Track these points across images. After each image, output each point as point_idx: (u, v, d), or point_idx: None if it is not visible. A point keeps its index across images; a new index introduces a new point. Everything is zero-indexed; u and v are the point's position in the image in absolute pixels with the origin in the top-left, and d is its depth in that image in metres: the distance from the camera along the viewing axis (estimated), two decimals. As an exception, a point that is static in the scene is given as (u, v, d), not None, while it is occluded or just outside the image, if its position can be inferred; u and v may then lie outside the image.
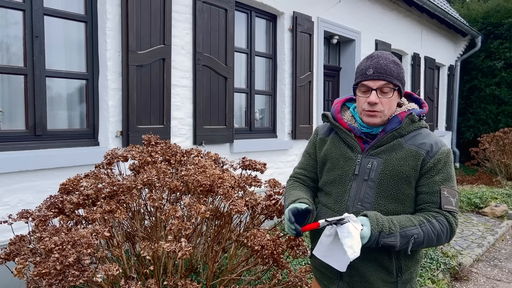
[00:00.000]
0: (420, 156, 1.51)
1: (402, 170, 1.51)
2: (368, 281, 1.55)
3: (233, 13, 4.79)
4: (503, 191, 7.50)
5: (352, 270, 1.56)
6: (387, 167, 1.52)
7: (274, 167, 5.49)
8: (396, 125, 1.55)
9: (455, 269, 4.19)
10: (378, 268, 1.55)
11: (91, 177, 2.38)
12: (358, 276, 1.57)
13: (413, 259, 1.60)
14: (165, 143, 2.72)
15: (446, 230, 1.48)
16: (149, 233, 2.38)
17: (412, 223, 1.45)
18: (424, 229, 1.44)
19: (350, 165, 1.59)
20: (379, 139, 1.56)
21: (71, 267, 1.69)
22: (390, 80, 1.51)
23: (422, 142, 1.54)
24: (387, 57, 1.55)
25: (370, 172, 1.54)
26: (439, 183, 1.50)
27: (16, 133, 3.26)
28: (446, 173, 1.51)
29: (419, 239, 1.43)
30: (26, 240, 2.24)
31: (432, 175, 1.51)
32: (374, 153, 1.56)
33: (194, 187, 2.12)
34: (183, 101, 4.30)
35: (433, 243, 1.49)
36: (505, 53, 10.96)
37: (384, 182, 1.52)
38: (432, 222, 1.46)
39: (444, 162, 1.52)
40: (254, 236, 1.96)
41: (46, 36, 3.38)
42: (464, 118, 11.94)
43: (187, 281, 1.72)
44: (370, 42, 7.67)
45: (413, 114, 1.57)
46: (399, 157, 1.52)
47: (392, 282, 1.56)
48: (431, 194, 1.50)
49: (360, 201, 1.54)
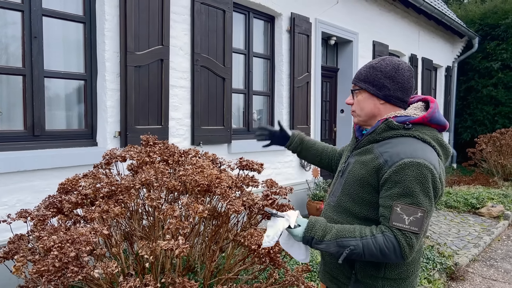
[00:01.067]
0: (377, 163, 1.48)
1: (360, 173, 1.55)
2: (333, 275, 1.69)
3: (231, 14, 4.81)
4: (500, 192, 7.54)
5: (325, 266, 1.74)
6: (353, 168, 1.61)
7: (272, 167, 5.52)
8: (372, 129, 1.59)
9: (451, 269, 4.22)
10: (337, 264, 1.60)
11: (89, 177, 2.40)
12: (328, 271, 1.72)
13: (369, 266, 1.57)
14: (163, 144, 2.74)
15: (392, 247, 1.40)
16: (147, 232, 2.40)
17: (352, 235, 1.46)
18: (364, 242, 1.43)
19: (342, 162, 1.77)
20: (359, 142, 1.65)
21: (70, 264, 1.71)
22: (354, 83, 1.65)
23: (386, 150, 1.48)
24: (371, 62, 1.63)
25: (344, 170, 1.67)
26: (394, 197, 1.41)
27: (15, 133, 3.27)
28: (404, 188, 1.39)
29: (356, 251, 1.43)
30: (25, 239, 2.25)
31: (389, 187, 1.43)
32: (353, 154, 1.66)
33: (192, 187, 2.14)
34: (181, 102, 4.32)
35: (379, 258, 1.44)
36: (502, 54, 11.03)
37: (348, 181, 1.62)
38: (376, 237, 1.43)
39: (403, 175, 1.40)
40: (251, 235, 1.98)
41: (44, 36, 3.39)
42: (461, 119, 12.00)
43: (184, 279, 1.73)
44: (367, 43, 7.71)
45: (390, 120, 1.52)
46: (363, 160, 1.56)
47: (347, 276, 1.62)
48: (384, 207, 1.45)
49: (333, 194, 1.70)
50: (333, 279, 1.69)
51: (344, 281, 1.63)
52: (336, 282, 1.67)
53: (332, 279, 1.69)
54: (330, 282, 1.71)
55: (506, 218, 6.44)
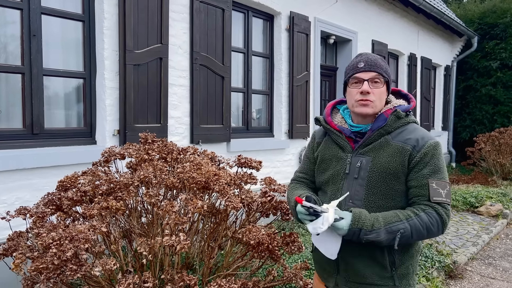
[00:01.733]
0: (407, 151, 1.54)
1: (389, 166, 1.55)
2: (363, 275, 1.59)
3: (230, 13, 4.82)
4: (499, 191, 7.55)
5: (347, 265, 1.62)
6: (375, 164, 1.57)
7: (271, 166, 5.52)
8: (382, 122, 1.60)
9: (450, 267, 4.23)
10: (372, 263, 1.58)
11: (88, 175, 2.40)
12: (352, 271, 1.61)
13: (407, 254, 1.62)
14: (162, 141, 2.75)
15: (436, 222, 1.49)
16: (145, 230, 2.40)
17: (398, 219, 1.49)
18: (411, 223, 1.47)
19: (342, 165, 1.65)
20: (367, 138, 1.61)
21: (69, 262, 1.72)
22: (380, 72, 1.59)
23: (408, 137, 1.57)
24: (375, 54, 1.65)
25: (359, 171, 1.60)
26: (427, 176, 1.52)
27: (14, 131, 3.28)
28: (433, 166, 1.53)
29: (406, 233, 1.47)
30: (24, 236, 2.26)
31: (420, 168, 1.53)
32: (363, 152, 1.61)
33: (190, 184, 2.14)
34: (180, 100, 4.33)
35: (424, 236, 1.51)
36: (501, 53, 11.03)
37: (373, 179, 1.57)
38: (420, 216, 1.49)
39: (431, 155, 1.54)
40: (249, 231, 1.99)
41: (43, 35, 3.40)
42: (460, 118, 12.01)
43: (183, 273, 1.74)
44: (366, 42, 7.72)
45: (398, 111, 1.60)
46: (386, 154, 1.57)
47: (387, 277, 1.58)
48: (420, 187, 1.53)
49: (351, 198, 1.60)
50: (363, 285, 1.61)
51: (380, 281, 1.58)
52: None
53: (362, 286, 1.61)
54: None
55: (505, 216, 6.45)
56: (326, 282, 1.73)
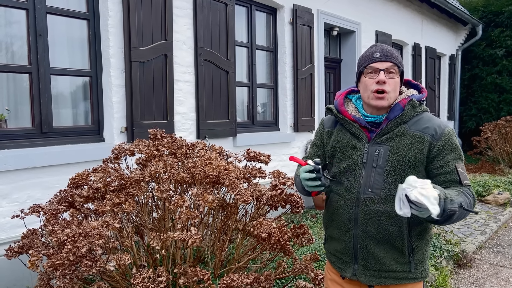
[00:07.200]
0: (426, 140, 1.57)
1: (408, 155, 1.57)
2: (382, 262, 1.61)
3: (233, 7, 4.81)
4: (506, 179, 7.53)
5: (366, 253, 1.63)
6: (394, 153, 1.59)
7: (277, 159, 5.54)
8: (399, 112, 1.61)
9: (458, 256, 4.24)
10: (391, 250, 1.61)
11: (99, 171, 2.43)
12: (372, 259, 1.62)
13: (423, 239, 1.65)
14: (171, 137, 2.77)
15: (471, 203, 1.51)
16: (157, 224, 2.43)
17: (454, 193, 1.44)
18: (463, 198, 1.47)
19: (358, 154, 1.65)
20: (384, 127, 1.61)
21: (83, 258, 1.75)
22: (396, 63, 1.60)
23: (426, 126, 1.59)
24: (389, 46, 1.67)
25: (378, 159, 1.60)
26: (453, 162, 1.57)
27: (23, 130, 3.31)
28: (456, 152, 1.59)
29: (463, 207, 1.42)
30: (38, 234, 2.29)
31: (444, 155, 1.57)
32: (380, 141, 1.62)
33: (201, 178, 2.17)
34: (186, 96, 4.34)
35: (463, 215, 1.47)
36: (506, 41, 10.94)
37: (392, 168, 1.58)
38: (465, 194, 1.50)
39: (453, 142, 1.58)
40: (260, 224, 2.01)
41: (49, 34, 3.42)
42: (466, 107, 11.94)
43: (197, 268, 1.77)
44: (370, 33, 7.67)
45: (414, 100, 1.62)
46: (404, 143, 1.58)
47: (405, 263, 1.61)
48: (449, 173, 1.56)
49: (370, 187, 1.61)
50: (382, 272, 1.62)
51: (398, 267, 1.61)
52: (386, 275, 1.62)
53: (381, 273, 1.62)
54: (377, 279, 1.63)
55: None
56: (342, 272, 1.72)
